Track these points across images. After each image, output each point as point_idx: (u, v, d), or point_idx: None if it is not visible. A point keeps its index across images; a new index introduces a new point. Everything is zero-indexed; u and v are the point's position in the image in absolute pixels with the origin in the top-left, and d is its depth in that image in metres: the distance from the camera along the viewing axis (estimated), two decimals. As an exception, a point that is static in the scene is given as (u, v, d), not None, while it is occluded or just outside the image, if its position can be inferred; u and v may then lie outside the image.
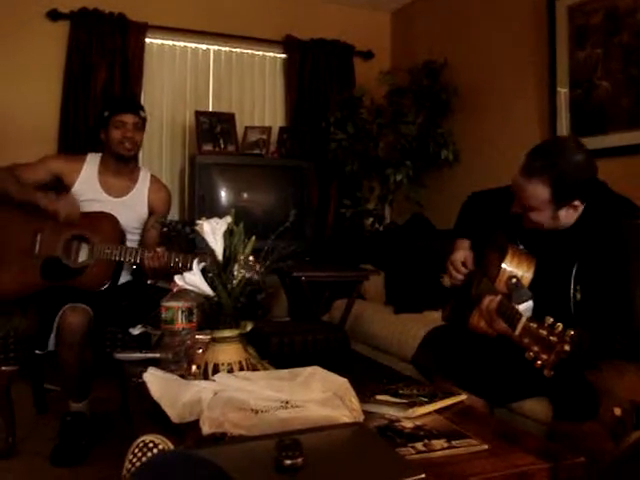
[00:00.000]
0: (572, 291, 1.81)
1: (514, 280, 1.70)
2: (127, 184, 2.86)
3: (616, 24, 2.96)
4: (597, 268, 1.79)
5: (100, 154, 2.87)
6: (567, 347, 1.39)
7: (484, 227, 2.11)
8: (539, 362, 1.45)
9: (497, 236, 2.00)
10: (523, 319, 1.53)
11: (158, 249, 2.56)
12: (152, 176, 3.00)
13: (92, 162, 2.82)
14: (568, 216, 1.85)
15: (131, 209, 2.82)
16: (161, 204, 2.93)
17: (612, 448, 1.59)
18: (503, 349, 1.90)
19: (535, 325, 1.48)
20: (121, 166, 2.83)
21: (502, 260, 1.86)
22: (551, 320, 1.44)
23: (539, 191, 1.80)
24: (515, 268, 1.84)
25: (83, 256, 2.60)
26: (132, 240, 2.81)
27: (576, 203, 1.82)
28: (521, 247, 1.94)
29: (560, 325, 1.42)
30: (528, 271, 1.84)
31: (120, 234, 2.66)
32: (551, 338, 1.42)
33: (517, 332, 1.53)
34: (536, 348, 1.46)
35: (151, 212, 2.90)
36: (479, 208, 2.23)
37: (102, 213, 2.66)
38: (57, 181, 2.78)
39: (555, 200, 1.80)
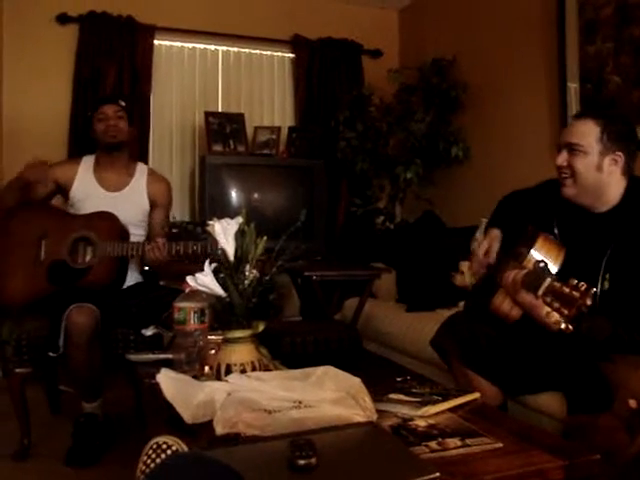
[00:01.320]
0: (600, 279, 1.80)
1: (542, 264, 1.69)
2: (124, 178, 2.87)
3: (627, 18, 2.94)
4: (629, 257, 1.79)
5: (94, 155, 2.89)
6: (589, 301, 1.40)
7: (518, 223, 2.10)
8: (559, 318, 1.44)
9: (529, 227, 2.00)
10: (548, 279, 1.53)
11: (158, 239, 2.57)
12: (149, 169, 3.02)
13: (87, 162, 2.86)
14: (610, 174, 1.87)
15: (130, 202, 2.83)
16: (161, 195, 2.93)
17: (627, 441, 1.59)
18: (522, 340, 1.91)
19: (559, 284, 1.48)
20: (114, 158, 2.85)
21: (531, 246, 1.86)
22: (575, 281, 1.44)
23: (589, 127, 1.86)
24: (544, 255, 1.84)
25: (88, 257, 2.63)
26: (138, 234, 2.82)
27: (618, 154, 1.86)
28: (552, 236, 1.94)
29: (584, 284, 1.42)
30: (556, 261, 1.83)
31: (122, 231, 2.67)
32: (574, 293, 1.42)
33: (541, 291, 1.53)
34: (557, 304, 1.46)
35: (152, 204, 2.90)
36: (515, 205, 2.22)
37: (102, 212, 2.67)
38: (58, 187, 2.83)
39: (603, 140, 1.84)
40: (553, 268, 1.80)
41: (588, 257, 1.85)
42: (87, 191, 2.78)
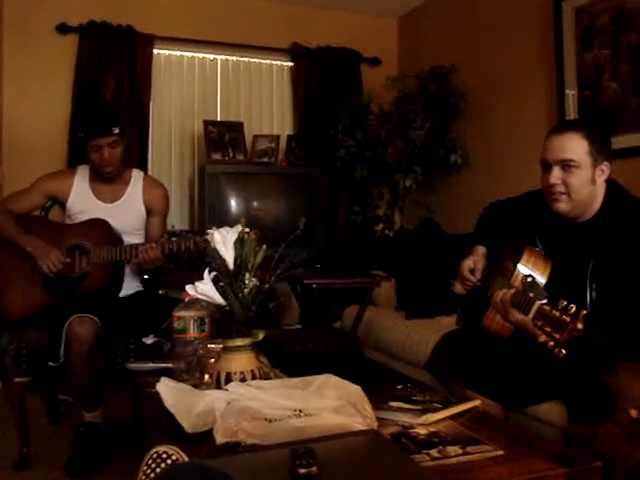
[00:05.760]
0: (588, 290, 1.80)
1: (530, 279, 1.70)
2: (119, 187, 2.85)
3: (623, 25, 2.95)
4: (613, 266, 1.79)
5: (89, 166, 2.86)
6: (580, 325, 1.40)
7: (502, 234, 2.11)
8: (552, 343, 1.45)
9: (514, 240, 2.01)
10: (537, 302, 1.53)
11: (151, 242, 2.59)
12: (145, 175, 3.00)
13: (83, 173, 2.84)
14: (600, 185, 1.88)
15: (127, 211, 2.82)
16: (158, 201, 2.91)
17: (629, 450, 1.58)
18: (518, 353, 1.90)
19: (549, 307, 1.48)
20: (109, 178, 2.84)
21: (518, 261, 1.87)
22: (565, 302, 1.45)
23: (578, 141, 1.85)
24: (531, 269, 1.84)
25: (83, 264, 2.63)
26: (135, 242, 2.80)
27: (605, 165, 1.87)
28: (537, 249, 1.94)
29: (573, 306, 1.43)
30: (543, 274, 1.84)
31: (114, 236, 2.67)
32: (564, 317, 1.43)
33: (531, 315, 1.53)
34: (549, 329, 1.46)
35: (149, 211, 2.88)
36: (497, 216, 2.24)
37: (93, 220, 2.68)
38: (52, 199, 2.82)
39: (592, 153, 1.84)
40: (541, 281, 1.80)
41: (573, 268, 1.86)
42: (84, 204, 2.77)
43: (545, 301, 1.53)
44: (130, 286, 2.79)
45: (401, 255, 3.78)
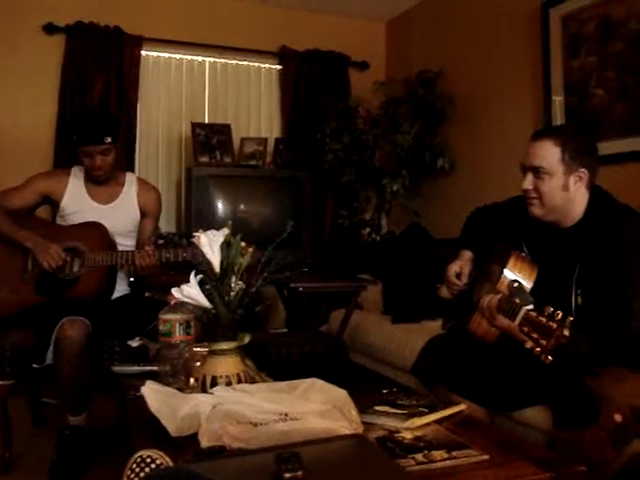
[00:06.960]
0: (573, 295, 1.82)
1: (516, 284, 1.71)
2: (114, 189, 2.84)
3: (609, 33, 2.98)
4: (598, 272, 1.80)
5: (84, 167, 2.84)
6: (566, 332, 1.41)
7: (488, 239, 2.13)
8: (538, 349, 1.45)
9: (500, 245, 2.02)
10: (524, 309, 1.54)
11: (147, 247, 2.57)
12: (139, 178, 2.99)
13: (77, 174, 2.81)
14: (576, 191, 1.88)
15: (122, 213, 2.81)
16: (152, 204, 2.91)
17: (613, 455, 1.59)
18: (504, 357, 1.91)
19: (535, 314, 1.49)
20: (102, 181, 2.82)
21: (504, 266, 1.88)
22: (551, 309, 1.46)
23: (549, 149, 1.86)
24: (517, 274, 1.86)
25: (76, 267, 2.60)
26: (129, 245, 2.80)
27: (582, 171, 1.86)
28: (524, 254, 1.96)
29: (560, 313, 1.43)
30: (529, 279, 1.86)
31: (109, 240, 2.65)
32: (550, 324, 1.43)
33: (517, 321, 1.54)
34: (535, 335, 1.46)
35: (143, 213, 2.88)
36: (483, 221, 2.25)
37: (89, 222, 2.66)
38: (45, 199, 2.78)
39: (565, 160, 1.84)
40: (527, 286, 1.81)
41: (559, 274, 1.87)
42: (79, 204, 2.75)
43: (531, 307, 1.54)
44: (119, 289, 2.77)
45: (388, 259, 3.79)
